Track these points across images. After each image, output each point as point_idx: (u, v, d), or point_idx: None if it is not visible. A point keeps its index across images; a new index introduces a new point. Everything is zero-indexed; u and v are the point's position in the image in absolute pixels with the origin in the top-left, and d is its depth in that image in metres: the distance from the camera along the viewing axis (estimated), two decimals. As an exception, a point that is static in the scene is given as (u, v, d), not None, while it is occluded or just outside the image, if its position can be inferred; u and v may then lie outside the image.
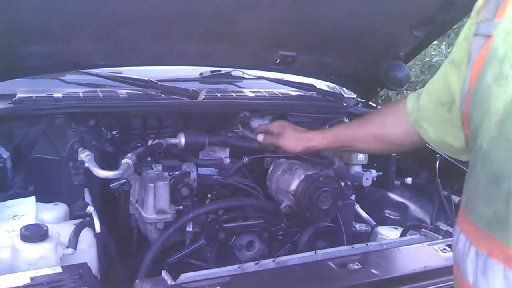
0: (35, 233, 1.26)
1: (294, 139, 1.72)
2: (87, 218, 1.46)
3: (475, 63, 0.99)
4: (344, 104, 2.48)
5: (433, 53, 5.82)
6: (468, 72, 1.01)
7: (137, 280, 1.30)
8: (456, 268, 1.02)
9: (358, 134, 1.58)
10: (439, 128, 1.25)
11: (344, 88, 2.70)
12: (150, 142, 1.88)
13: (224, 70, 2.51)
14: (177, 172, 1.82)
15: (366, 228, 2.18)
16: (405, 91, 5.95)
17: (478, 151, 0.95)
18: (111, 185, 1.66)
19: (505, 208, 0.87)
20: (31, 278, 1.14)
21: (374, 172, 2.09)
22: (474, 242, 0.95)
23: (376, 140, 1.51)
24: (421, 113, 1.31)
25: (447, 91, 1.16)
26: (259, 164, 2.05)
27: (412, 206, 2.24)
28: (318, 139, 1.67)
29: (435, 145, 1.30)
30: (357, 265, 1.39)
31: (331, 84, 2.70)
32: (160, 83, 2.15)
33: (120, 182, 1.66)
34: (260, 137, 1.85)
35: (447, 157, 2.25)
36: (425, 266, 1.42)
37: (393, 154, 2.25)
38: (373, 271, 1.40)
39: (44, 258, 1.24)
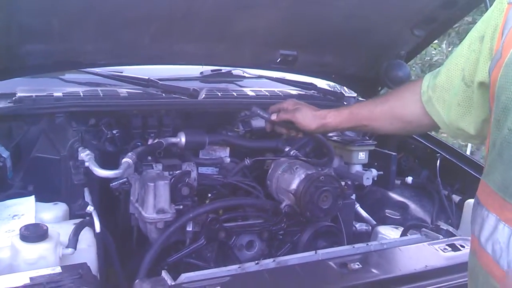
0: (34, 233, 1.25)
1: (310, 116, 1.68)
2: (87, 218, 1.46)
3: (510, 32, 0.96)
4: (345, 103, 2.47)
5: (433, 52, 5.82)
6: (501, 41, 0.98)
7: (137, 280, 1.29)
8: (490, 262, 0.98)
9: (373, 112, 1.55)
10: (455, 110, 1.20)
11: (344, 87, 2.70)
12: (150, 141, 1.88)
13: (224, 69, 2.51)
14: (178, 171, 1.81)
15: (367, 228, 2.17)
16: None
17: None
18: (111, 185, 1.65)
19: None
20: (31, 278, 1.14)
21: (374, 172, 2.09)
22: None
23: (391, 119, 1.49)
24: (437, 93, 1.27)
25: (472, 67, 1.12)
26: (259, 164, 2.04)
27: (412, 206, 2.24)
28: (332, 116, 1.64)
29: (447, 128, 1.27)
30: (358, 265, 1.39)
31: (332, 83, 2.70)
32: (160, 82, 2.15)
33: (120, 181, 1.66)
34: (274, 116, 1.79)
35: (447, 156, 2.25)
36: (426, 265, 1.42)
37: (393, 153, 2.25)
38: (374, 270, 1.40)
39: (43, 258, 1.24)
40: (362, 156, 2.10)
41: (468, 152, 4.95)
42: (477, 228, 1.03)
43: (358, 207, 2.25)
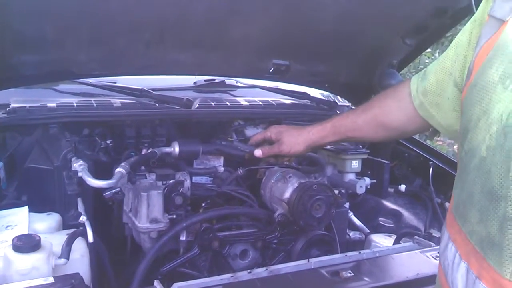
0: (27, 243, 1.25)
1: (295, 141, 1.69)
2: (80, 228, 1.46)
3: (482, 49, 0.90)
4: (338, 112, 2.48)
5: (427, 61, 5.85)
6: (473, 56, 0.93)
7: (130, 290, 1.30)
8: (442, 275, 0.99)
9: (357, 123, 1.54)
10: (450, 114, 1.16)
11: (338, 97, 2.72)
12: (144, 151, 1.89)
13: (218, 79, 2.52)
14: (171, 181, 1.82)
15: (360, 236, 2.18)
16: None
17: (474, 154, 0.86)
18: (104, 194, 1.66)
19: (499, 233, 0.80)
20: (23, 289, 1.14)
21: (367, 180, 2.10)
22: (464, 258, 0.89)
23: (376, 127, 1.48)
24: (428, 98, 1.23)
25: (460, 72, 1.05)
26: (253, 173, 2.05)
27: (406, 214, 2.24)
28: (316, 133, 1.65)
29: (445, 131, 1.23)
30: (350, 273, 1.40)
31: (325, 93, 2.71)
32: (154, 92, 2.16)
33: (113, 191, 1.67)
34: (258, 152, 1.81)
35: (440, 164, 2.26)
36: (418, 273, 1.42)
37: (386, 162, 2.26)
38: (366, 278, 1.40)
39: (36, 268, 1.24)
40: (355, 164, 2.11)
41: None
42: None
43: (351, 216, 2.25)
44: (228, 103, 2.26)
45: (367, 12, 1.91)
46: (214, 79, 2.52)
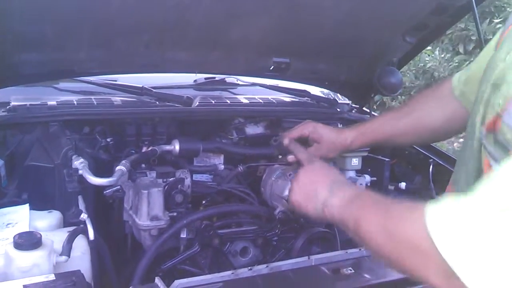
0: (28, 241, 1.25)
1: (333, 147, 1.62)
2: (81, 226, 1.46)
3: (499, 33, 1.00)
4: (338, 110, 2.49)
5: (427, 59, 5.86)
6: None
7: (130, 287, 1.30)
8: None
9: (398, 127, 1.50)
10: None
11: (338, 94, 2.72)
12: (144, 149, 1.89)
13: (218, 77, 2.52)
14: (171, 178, 1.82)
15: (361, 233, 2.17)
16: (399, 97, 6.01)
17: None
18: (105, 192, 1.66)
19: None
20: (24, 286, 1.14)
21: (368, 177, 2.10)
22: None
23: (419, 131, 1.44)
24: (469, 86, 1.21)
25: None
26: (253, 170, 2.05)
27: (406, 211, 2.24)
28: (355, 138, 1.59)
29: None
30: (350, 270, 1.40)
31: (325, 90, 2.72)
32: (154, 90, 2.16)
33: (114, 189, 1.66)
34: (291, 158, 1.68)
35: (440, 162, 2.26)
36: (418, 270, 1.42)
37: (386, 159, 2.26)
38: (366, 275, 1.40)
39: (37, 265, 1.24)
40: (356, 162, 2.10)
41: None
42: None
43: (352, 213, 2.25)
44: (228, 101, 2.26)
45: (367, 10, 1.92)
46: (214, 77, 2.52)
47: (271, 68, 2.23)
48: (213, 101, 2.20)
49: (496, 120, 0.85)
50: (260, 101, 2.32)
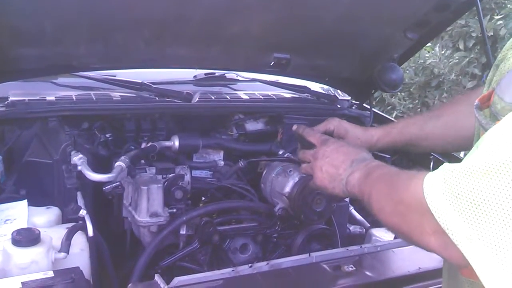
0: (26, 237, 1.25)
1: (358, 142, 1.60)
2: (80, 222, 1.45)
3: None
4: (338, 106, 2.48)
5: (427, 55, 5.84)
6: None
7: (130, 284, 1.29)
8: None
9: (425, 130, 1.48)
10: None
11: (338, 90, 2.70)
12: (143, 145, 1.88)
13: (218, 72, 2.51)
14: (171, 174, 1.81)
15: (361, 230, 2.17)
16: (398, 93, 6.00)
17: None
18: (104, 188, 1.65)
19: None
20: (23, 283, 1.13)
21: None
22: None
23: (447, 136, 1.42)
24: None
25: None
26: (253, 167, 2.04)
27: (406, 208, 2.23)
28: (381, 137, 1.59)
29: None
30: (351, 267, 1.39)
31: (325, 86, 2.70)
32: (154, 86, 2.15)
33: (113, 185, 1.65)
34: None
35: (440, 158, 2.25)
36: (419, 267, 1.42)
37: (386, 156, 2.25)
38: (367, 273, 1.40)
39: (35, 262, 1.23)
40: (356, 158, 2.09)
41: (462, 155, 4.98)
42: None
43: (352, 210, 2.25)
44: (228, 97, 2.25)
45: (368, 6, 1.90)
46: (214, 73, 2.50)
47: (271, 64, 2.21)
48: (213, 97, 2.19)
49: (491, 94, 0.89)
50: (260, 97, 2.31)
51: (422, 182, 0.82)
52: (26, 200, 1.58)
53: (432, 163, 2.23)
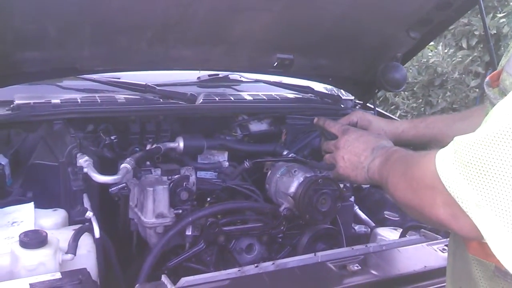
0: (34, 239, 1.26)
1: (382, 132, 1.63)
2: (86, 224, 1.46)
3: None
4: (342, 106, 2.48)
5: (430, 54, 5.83)
6: None
7: (137, 285, 1.30)
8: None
9: (450, 127, 1.49)
10: None
11: (341, 90, 2.71)
12: (148, 147, 1.89)
13: (221, 73, 2.52)
14: (176, 176, 1.82)
15: (366, 230, 2.17)
16: (402, 92, 5.99)
17: None
18: (110, 190, 1.66)
19: None
20: (31, 285, 1.14)
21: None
22: None
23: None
24: None
25: None
26: (258, 167, 2.05)
27: (411, 207, 2.23)
28: (407, 129, 1.61)
29: None
30: (357, 266, 1.40)
31: (329, 86, 2.71)
32: (158, 88, 2.16)
33: (119, 186, 1.66)
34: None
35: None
36: (425, 266, 1.42)
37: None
38: (373, 271, 1.40)
39: (43, 264, 1.24)
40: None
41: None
42: None
43: (357, 209, 2.25)
44: (232, 98, 2.25)
45: (370, 5, 1.91)
46: (218, 74, 2.51)
47: (274, 65, 2.22)
48: (217, 98, 2.19)
49: (501, 72, 0.92)
50: (264, 97, 2.31)
51: (434, 157, 0.86)
52: (32, 203, 1.60)
53: None
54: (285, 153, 2.01)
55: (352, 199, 2.16)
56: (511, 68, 0.88)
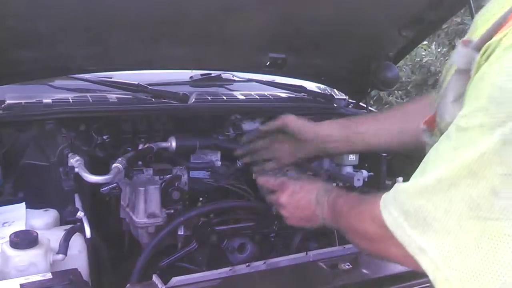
0: (24, 240, 1.25)
1: (314, 134, 1.64)
2: (78, 224, 1.46)
3: None
4: (335, 105, 2.48)
5: (423, 53, 5.85)
6: None
7: (128, 285, 1.30)
8: None
9: (370, 127, 1.52)
10: None
11: (334, 89, 2.71)
12: (140, 146, 1.88)
13: (214, 73, 2.52)
14: (168, 175, 1.82)
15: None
16: (395, 91, 6.01)
17: None
18: (101, 190, 1.65)
19: None
20: (21, 285, 1.14)
21: (365, 173, 2.09)
22: None
23: (396, 134, 1.44)
24: None
25: None
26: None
27: (404, 206, 2.24)
28: (326, 124, 1.63)
29: None
30: (348, 265, 1.40)
31: (322, 86, 2.71)
32: (150, 87, 2.15)
33: (110, 186, 1.66)
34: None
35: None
36: (416, 265, 1.42)
37: (383, 154, 2.25)
38: (364, 271, 1.41)
39: (34, 264, 1.23)
40: (353, 157, 2.10)
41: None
42: None
43: (349, 208, 2.25)
44: (225, 97, 2.25)
45: (363, 4, 1.91)
46: (211, 74, 2.51)
47: (267, 64, 2.22)
48: (209, 98, 2.19)
49: (434, 116, 0.95)
50: (257, 97, 2.31)
51: (378, 204, 0.90)
52: (24, 203, 1.59)
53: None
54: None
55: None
56: (443, 112, 0.90)
